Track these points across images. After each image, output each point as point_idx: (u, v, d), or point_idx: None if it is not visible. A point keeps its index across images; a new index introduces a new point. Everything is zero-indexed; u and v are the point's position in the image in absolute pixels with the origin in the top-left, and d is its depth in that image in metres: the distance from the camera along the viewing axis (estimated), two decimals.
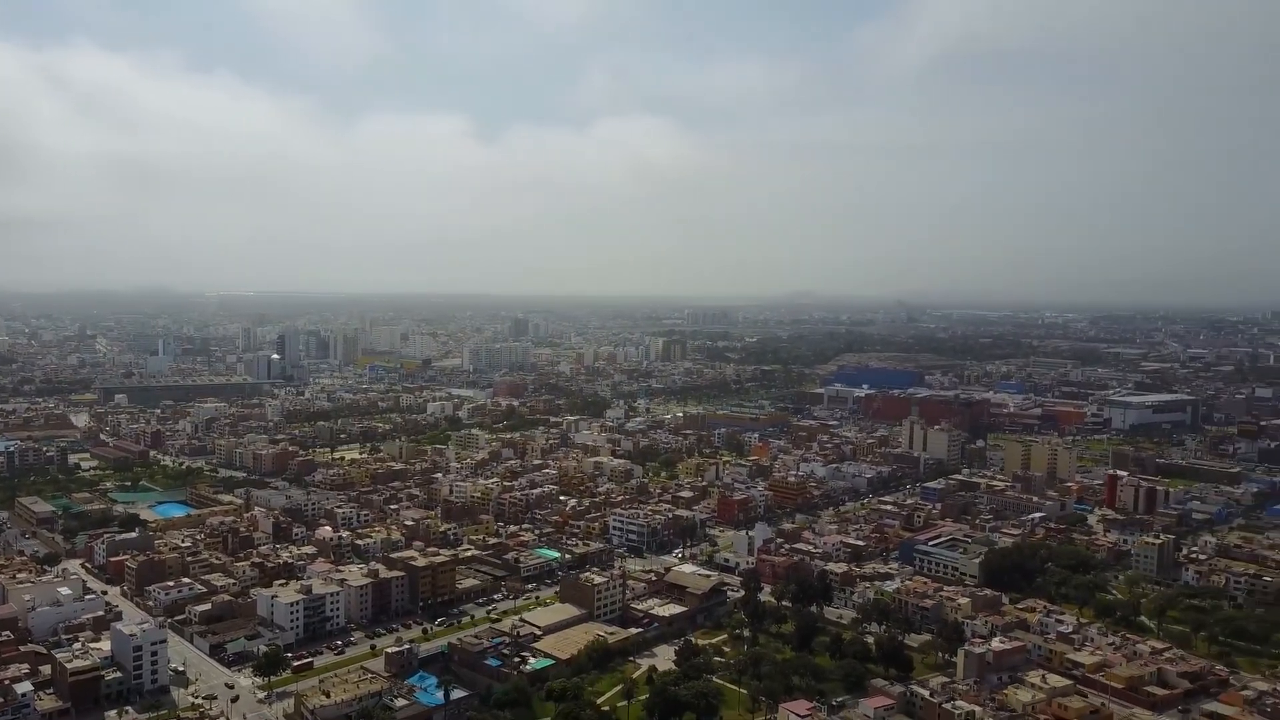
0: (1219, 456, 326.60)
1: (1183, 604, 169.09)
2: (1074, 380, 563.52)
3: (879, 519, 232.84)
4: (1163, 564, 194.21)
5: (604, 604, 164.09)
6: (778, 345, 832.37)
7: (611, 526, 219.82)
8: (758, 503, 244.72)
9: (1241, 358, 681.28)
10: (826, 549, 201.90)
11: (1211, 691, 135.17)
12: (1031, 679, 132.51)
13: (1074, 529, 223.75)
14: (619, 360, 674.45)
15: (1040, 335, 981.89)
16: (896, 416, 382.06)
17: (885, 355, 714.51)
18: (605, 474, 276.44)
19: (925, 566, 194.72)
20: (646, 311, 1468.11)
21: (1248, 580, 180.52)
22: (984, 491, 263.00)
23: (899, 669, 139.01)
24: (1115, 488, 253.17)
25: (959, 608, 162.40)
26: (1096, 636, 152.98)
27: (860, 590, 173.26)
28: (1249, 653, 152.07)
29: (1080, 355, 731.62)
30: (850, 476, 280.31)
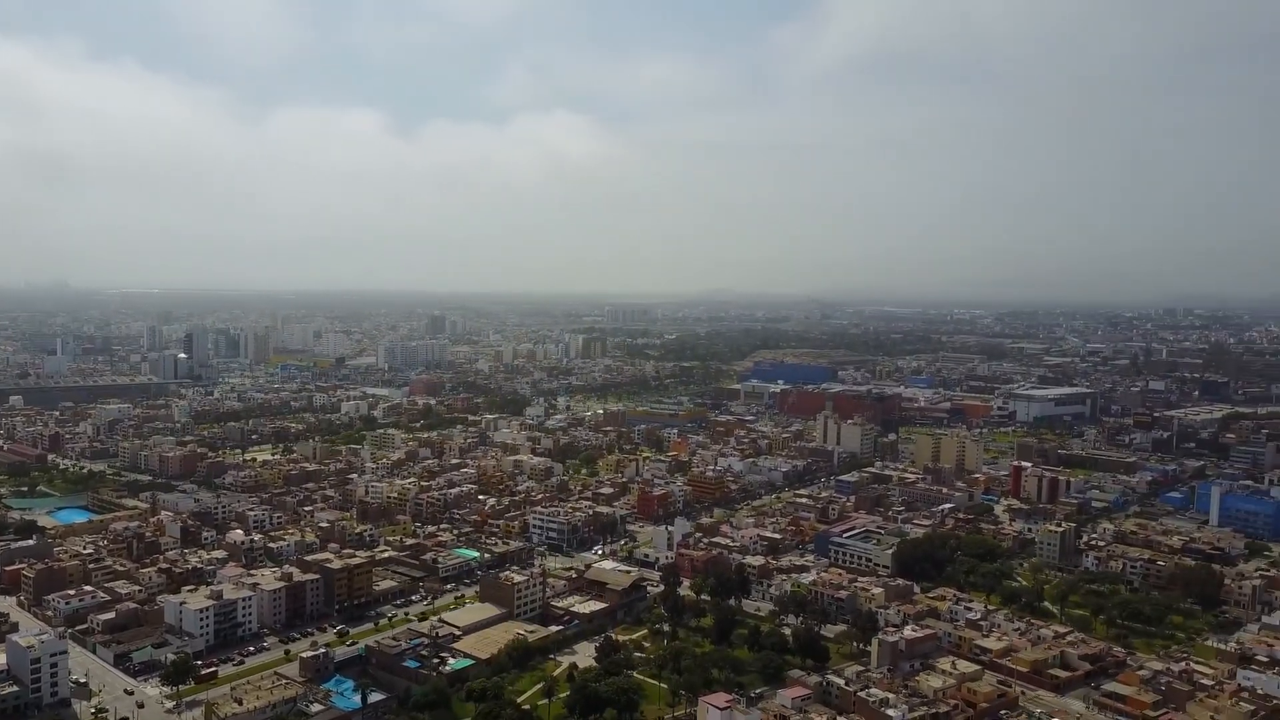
0: (1116, 447, 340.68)
1: (1083, 589, 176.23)
2: (981, 375, 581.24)
3: (795, 512, 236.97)
4: (1064, 551, 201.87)
5: (524, 602, 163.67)
6: (696, 342, 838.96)
7: (531, 525, 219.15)
8: (677, 498, 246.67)
9: (1136, 352, 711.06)
10: (744, 542, 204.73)
11: (1110, 672, 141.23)
12: (942, 665, 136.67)
13: (982, 519, 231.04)
14: (539, 358, 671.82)
15: (949, 331, 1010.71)
16: (811, 411, 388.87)
17: (800, 351, 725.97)
18: (525, 472, 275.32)
19: (840, 558, 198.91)
20: (566, 309, 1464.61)
21: (1143, 565, 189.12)
22: (896, 484, 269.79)
23: (816, 659, 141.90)
24: (1020, 478, 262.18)
25: (873, 598, 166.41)
26: (1003, 622, 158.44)
27: (777, 583, 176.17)
28: (1145, 634, 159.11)
29: (987, 350, 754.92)
30: (767, 471, 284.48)
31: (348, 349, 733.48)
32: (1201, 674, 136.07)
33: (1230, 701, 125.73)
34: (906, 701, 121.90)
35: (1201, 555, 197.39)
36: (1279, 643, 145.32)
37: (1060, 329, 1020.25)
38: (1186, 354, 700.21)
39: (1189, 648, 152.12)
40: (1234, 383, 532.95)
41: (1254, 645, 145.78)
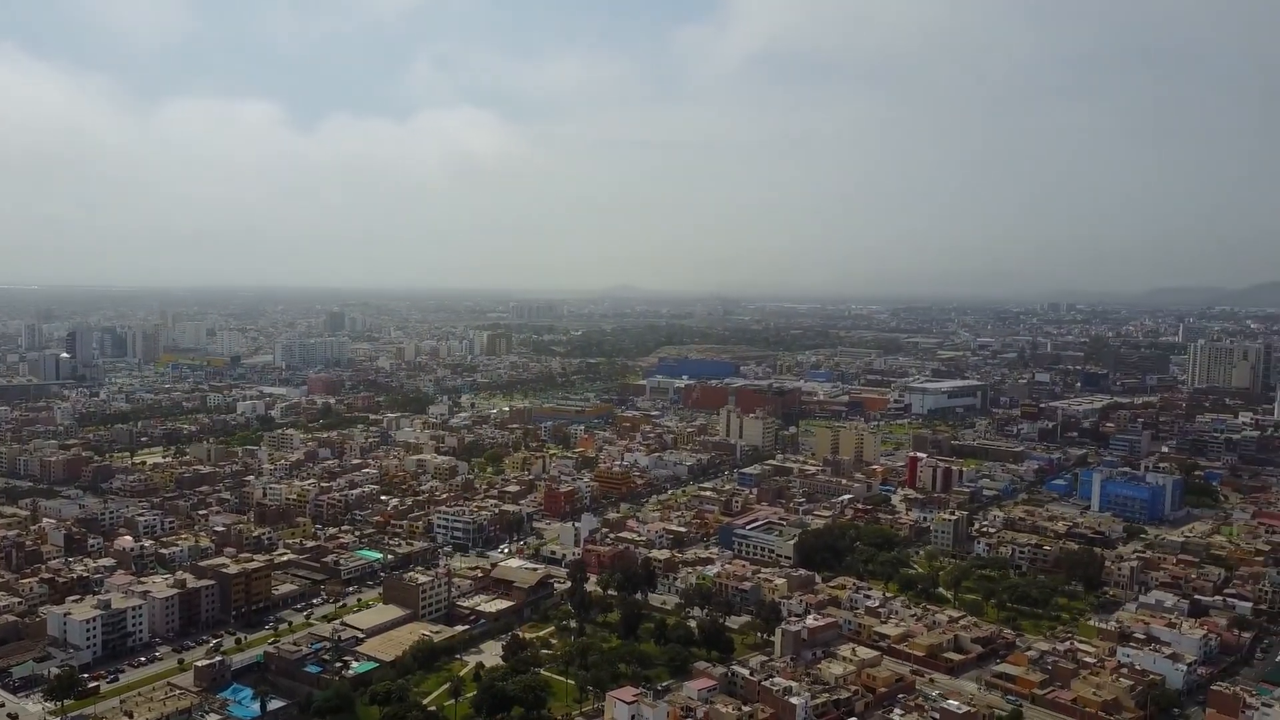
0: (1005, 437, 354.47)
1: (975, 574, 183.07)
2: (878, 368, 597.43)
3: (700, 505, 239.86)
4: (958, 538, 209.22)
5: (429, 603, 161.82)
6: (602, 338, 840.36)
7: (436, 524, 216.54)
8: (584, 494, 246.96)
9: (1023, 346, 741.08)
10: (650, 537, 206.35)
11: (1001, 654, 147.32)
12: (843, 652, 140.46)
13: (879, 509, 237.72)
14: (442, 355, 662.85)
15: (847, 326, 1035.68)
16: (715, 406, 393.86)
17: (704, 347, 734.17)
18: (429, 471, 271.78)
19: (744, 550, 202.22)
20: (471, 305, 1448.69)
21: (1030, 550, 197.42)
22: (797, 476, 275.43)
23: (721, 650, 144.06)
24: (915, 469, 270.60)
25: (776, 588, 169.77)
26: (900, 609, 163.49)
27: (683, 576, 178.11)
28: (1032, 616, 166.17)
29: (883, 345, 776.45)
30: (672, 465, 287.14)
31: (243, 347, 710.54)
32: (1085, 652, 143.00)
33: (1111, 678, 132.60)
34: (809, 689, 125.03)
35: (1084, 539, 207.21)
36: (1155, 621, 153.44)
37: (952, 324, 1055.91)
38: (1069, 348, 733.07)
39: (1073, 628, 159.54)
40: (1112, 374, 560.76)
41: (1132, 624, 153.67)
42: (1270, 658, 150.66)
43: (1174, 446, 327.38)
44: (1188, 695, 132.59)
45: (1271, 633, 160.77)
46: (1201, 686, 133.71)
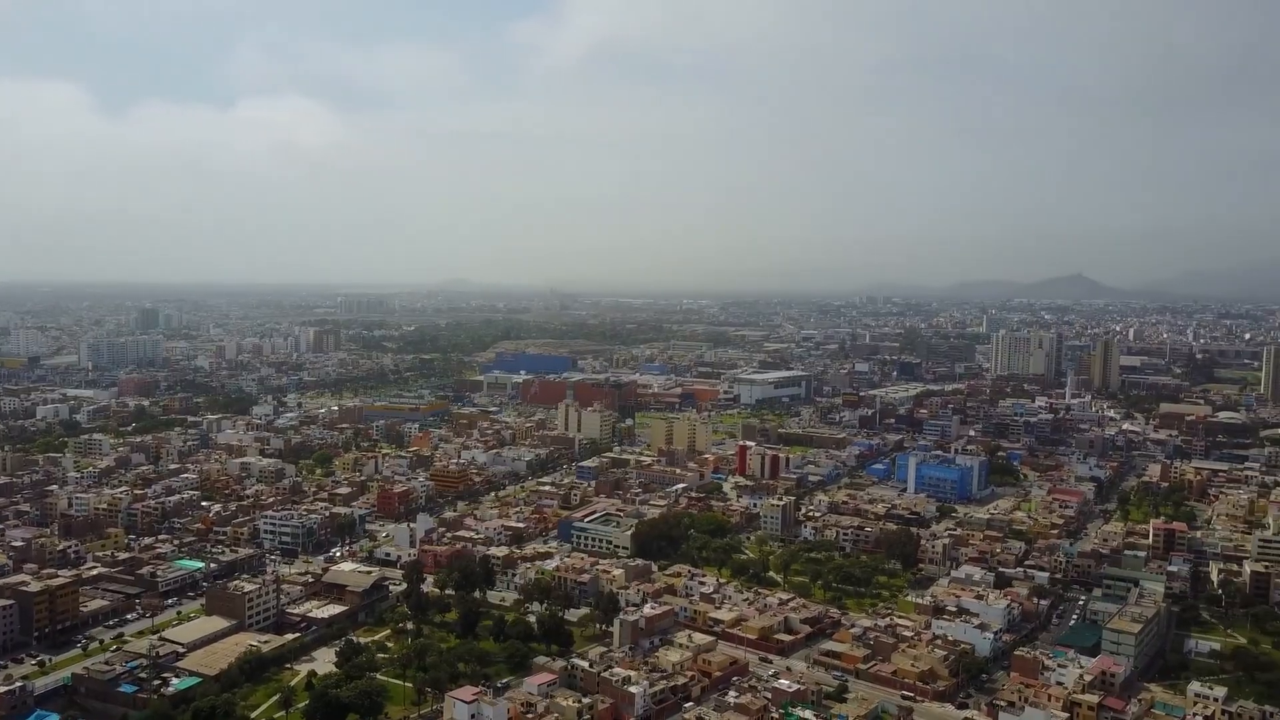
0: (828, 424, 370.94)
1: (803, 557, 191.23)
2: (709, 361, 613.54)
3: (538, 500, 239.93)
4: (786, 523, 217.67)
5: (256, 612, 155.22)
6: (436, 333, 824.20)
7: (262, 530, 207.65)
8: (419, 493, 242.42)
9: (844, 338, 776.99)
10: (489, 534, 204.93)
11: (828, 632, 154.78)
12: (679, 639, 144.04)
13: (712, 497, 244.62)
14: (266, 352, 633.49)
15: (679, 320, 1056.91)
16: (553, 400, 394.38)
17: (541, 342, 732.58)
18: (253, 475, 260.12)
19: (582, 543, 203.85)
20: (295, 300, 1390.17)
21: (853, 531, 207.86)
22: (634, 467, 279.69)
23: (560, 644, 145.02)
24: (745, 457, 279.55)
25: (614, 579, 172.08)
26: (734, 594, 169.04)
27: (522, 572, 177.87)
28: (856, 594, 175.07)
29: (713, 338, 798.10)
30: (510, 461, 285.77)
31: (43, 347, 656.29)
32: (903, 627, 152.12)
33: (927, 649, 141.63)
34: (648, 677, 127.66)
35: (901, 520, 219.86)
36: (965, 593, 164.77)
37: (778, 317, 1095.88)
38: (886, 339, 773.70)
39: (893, 604, 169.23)
40: (925, 363, 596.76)
41: (945, 597, 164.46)
42: (1065, 622, 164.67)
43: (980, 430, 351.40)
44: (994, 661, 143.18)
45: (1066, 599, 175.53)
46: (1006, 652, 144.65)
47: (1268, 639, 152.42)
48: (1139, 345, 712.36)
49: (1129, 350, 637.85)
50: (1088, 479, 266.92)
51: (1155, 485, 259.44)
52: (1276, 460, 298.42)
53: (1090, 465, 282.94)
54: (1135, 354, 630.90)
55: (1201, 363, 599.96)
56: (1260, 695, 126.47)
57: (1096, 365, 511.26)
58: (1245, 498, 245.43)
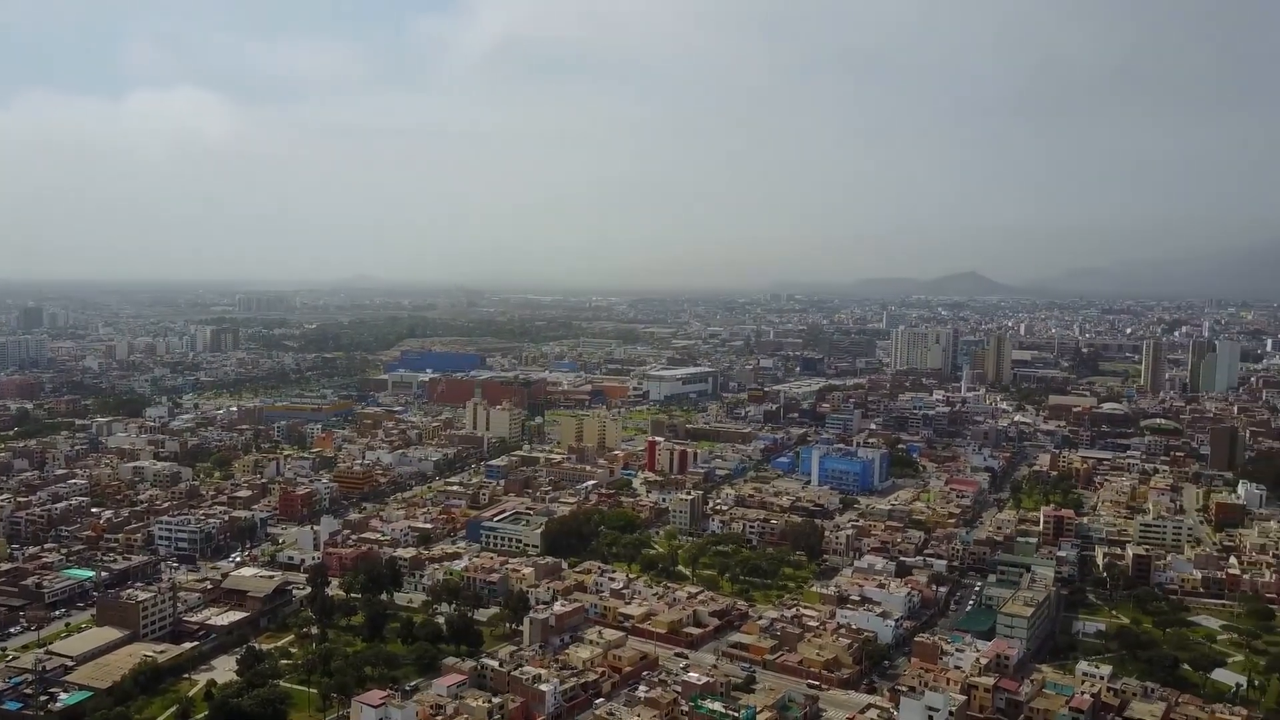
0: (734, 419, 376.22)
1: (711, 551, 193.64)
2: (618, 358, 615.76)
3: (446, 500, 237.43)
4: (694, 517, 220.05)
5: (151, 621, 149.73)
6: (339, 331, 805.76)
7: (157, 536, 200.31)
8: (323, 495, 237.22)
9: (749, 334, 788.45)
10: (395, 535, 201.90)
11: (736, 624, 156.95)
12: (590, 636, 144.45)
13: (622, 493, 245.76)
14: (160, 352, 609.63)
15: (589, 317, 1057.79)
16: (461, 399, 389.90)
17: (448, 339, 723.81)
18: (147, 479, 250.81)
19: (491, 542, 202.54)
20: (191, 298, 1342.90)
21: (759, 524, 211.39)
22: (544, 465, 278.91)
23: (470, 644, 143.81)
24: (654, 453, 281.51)
25: (524, 578, 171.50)
26: (643, 589, 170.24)
27: (430, 573, 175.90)
28: (763, 586, 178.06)
29: (622, 335, 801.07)
30: (417, 461, 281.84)
31: None
32: (809, 617, 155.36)
33: (832, 638, 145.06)
34: (558, 675, 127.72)
35: (806, 512, 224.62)
36: (867, 583, 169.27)
37: (685, 314, 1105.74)
38: (789, 334, 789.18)
39: (798, 595, 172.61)
40: (827, 359, 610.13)
41: (848, 587, 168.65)
42: (962, 608, 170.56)
43: (880, 423, 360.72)
44: (896, 647, 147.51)
45: (963, 586, 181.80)
46: (907, 638, 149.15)
47: (1148, 618, 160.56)
48: (1029, 340, 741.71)
49: (1020, 345, 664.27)
50: (983, 469, 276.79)
51: (1045, 474, 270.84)
52: (1156, 449, 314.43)
53: (985, 456, 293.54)
54: (1026, 348, 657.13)
55: (1087, 356, 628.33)
56: (1142, 672, 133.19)
57: (990, 359, 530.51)
58: (1127, 485, 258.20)
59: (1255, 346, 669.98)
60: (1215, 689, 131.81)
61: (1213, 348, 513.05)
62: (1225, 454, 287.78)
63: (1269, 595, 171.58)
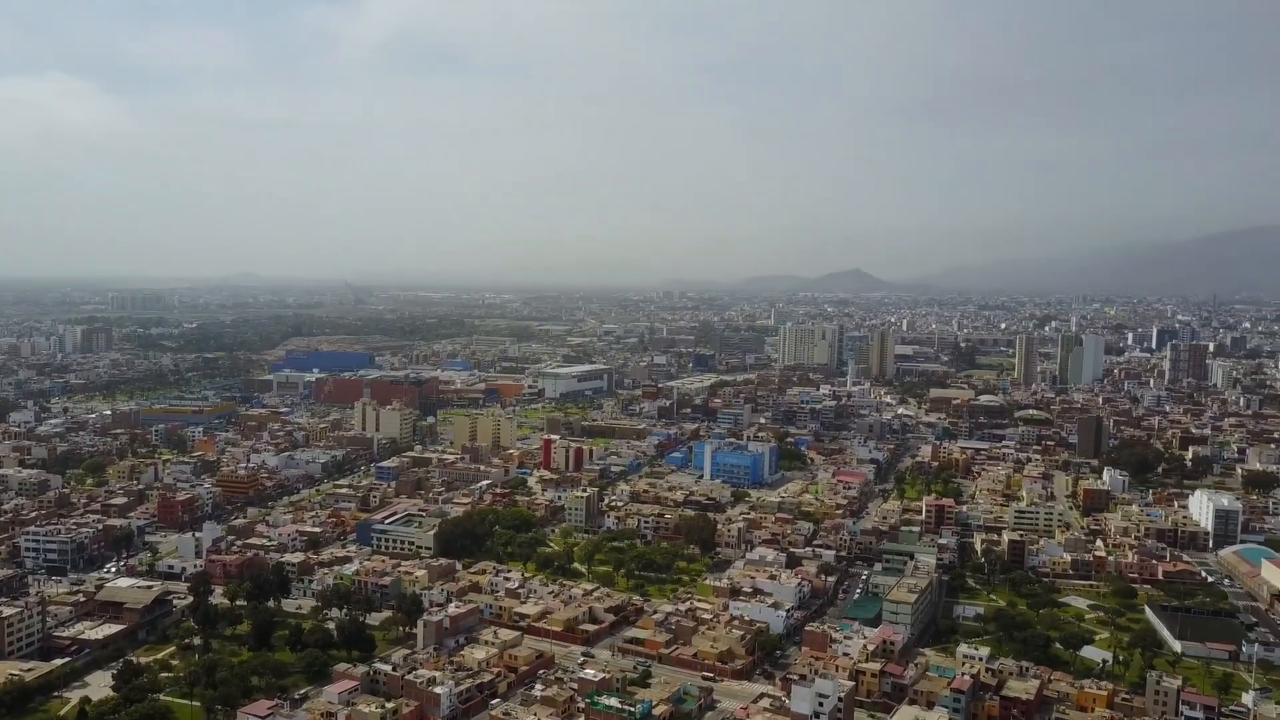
0: (629, 416, 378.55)
1: (606, 547, 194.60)
2: (512, 355, 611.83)
3: (335, 503, 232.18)
4: (590, 514, 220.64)
5: (18, 638, 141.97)
6: (221, 331, 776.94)
7: (24, 547, 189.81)
8: (205, 501, 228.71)
9: (643, 331, 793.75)
10: (282, 540, 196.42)
11: (631, 620, 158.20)
12: (485, 636, 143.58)
13: (517, 492, 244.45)
14: (24, 353, 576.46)
15: (481, 315, 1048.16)
16: (350, 399, 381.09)
17: (336, 338, 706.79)
18: (12, 488, 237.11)
19: (383, 545, 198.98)
20: (59, 296, 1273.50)
21: (654, 519, 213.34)
22: (436, 465, 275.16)
23: (362, 649, 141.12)
24: (550, 451, 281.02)
25: (417, 580, 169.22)
26: (539, 587, 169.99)
27: (319, 577, 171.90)
28: (658, 581, 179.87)
29: (516, 332, 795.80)
30: (304, 463, 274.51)
31: None
32: (703, 610, 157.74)
33: (725, 630, 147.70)
34: (453, 677, 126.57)
35: (699, 506, 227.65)
36: (759, 574, 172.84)
37: (580, 311, 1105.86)
38: (682, 332, 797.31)
39: (692, 588, 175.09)
40: (719, 355, 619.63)
41: (741, 579, 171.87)
42: (850, 596, 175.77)
43: (770, 418, 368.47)
44: (787, 637, 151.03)
45: (850, 575, 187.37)
46: (798, 628, 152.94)
47: (1023, 600, 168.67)
48: (911, 335, 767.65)
49: (902, 340, 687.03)
50: (868, 461, 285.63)
51: (927, 465, 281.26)
52: (1028, 438, 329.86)
53: (870, 448, 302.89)
54: (908, 343, 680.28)
55: (965, 351, 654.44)
56: (1017, 652, 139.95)
57: (874, 354, 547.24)
58: (1003, 473, 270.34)
59: (1118, 340, 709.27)
60: (1084, 665, 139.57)
61: (1079, 342, 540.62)
62: (1092, 442, 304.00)
63: (1131, 575, 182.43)
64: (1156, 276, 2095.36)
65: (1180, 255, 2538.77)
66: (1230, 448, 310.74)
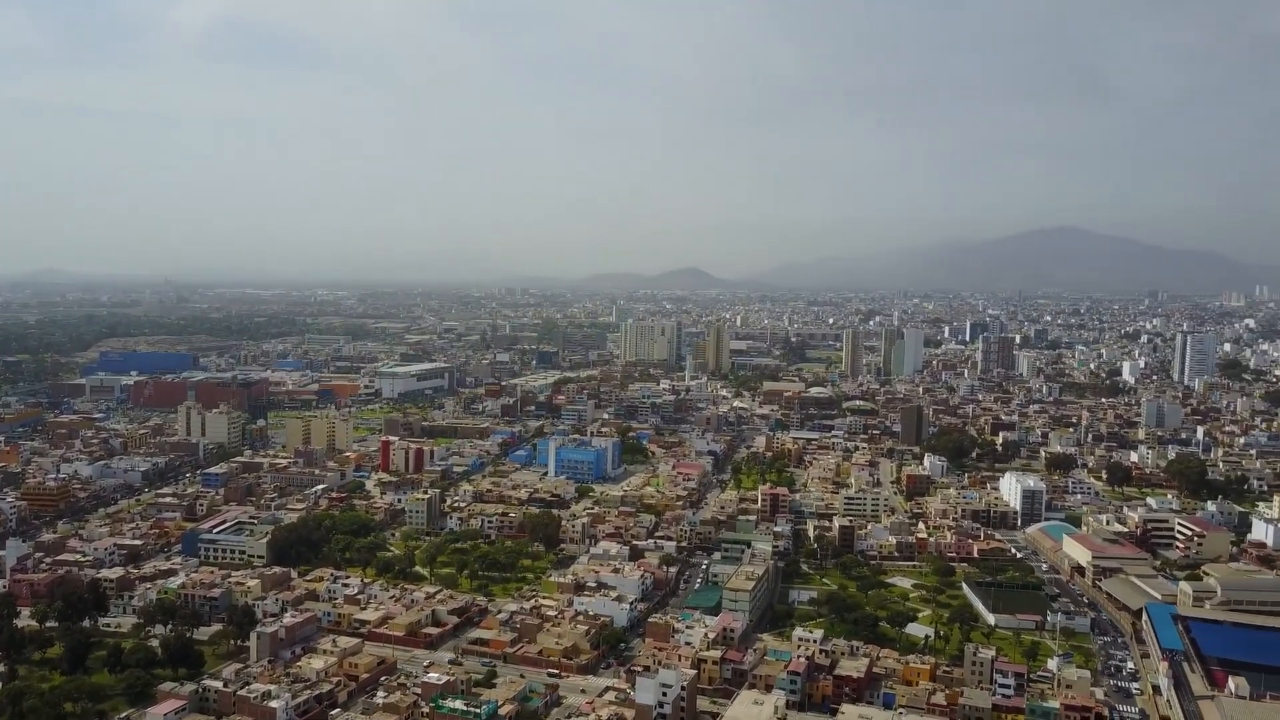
0: (472, 415, 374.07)
1: (449, 549, 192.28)
2: (347, 355, 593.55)
3: (158, 513, 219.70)
4: (431, 516, 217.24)
5: None
6: (24, 331, 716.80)
7: None
8: (8, 516, 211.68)
9: (485, 328, 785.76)
10: (99, 555, 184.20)
11: (475, 620, 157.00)
12: (324, 645, 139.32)
13: (355, 495, 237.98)
14: None
15: (314, 313, 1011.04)
16: (172, 403, 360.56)
17: (156, 339, 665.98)
18: None
19: (212, 555, 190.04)
20: None
21: (498, 518, 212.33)
22: (268, 470, 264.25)
23: (190, 666, 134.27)
24: (389, 452, 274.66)
25: (249, 590, 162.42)
26: (380, 592, 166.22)
27: (141, 592, 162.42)
28: (502, 580, 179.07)
29: (352, 331, 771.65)
30: (123, 472, 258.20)
31: None
32: (548, 607, 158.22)
33: (570, 626, 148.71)
34: (290, 689, 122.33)
35: (543, 503, 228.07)
36: (603, 569, 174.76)
37: (419, 309, 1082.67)
38: (525, 329, 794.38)
39: (537, 586, 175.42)
40: (562, 352, 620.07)
41: (585, 574, 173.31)
42: (690, 586, 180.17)
43: (612, 413, 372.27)
44: (631, 629, 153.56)
45: (691, 565, 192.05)
46: (642, 620, 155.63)
47: (853, 583, 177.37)
48: (745, 331, 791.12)
49: (737, 335, 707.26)
50: (706, 453, 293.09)
51: (762, 455, 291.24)
52: (856, 428, 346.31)
53: (708, 440, 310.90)
54: (743, 339, 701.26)
55: (795, 345, 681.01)
56: (848, 632, 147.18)
57: (710, 350, 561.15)
58: (833, 462, 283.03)
59: (935, 333, 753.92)
60: (908, 642, 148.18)
61: (901, 336, 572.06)
62: (913, 430, 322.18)
63: (950, 555, 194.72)
64: (970, 273, 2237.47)
65: (991, 253, 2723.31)
66: (1035, 432, 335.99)
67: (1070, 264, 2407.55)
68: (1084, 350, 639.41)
